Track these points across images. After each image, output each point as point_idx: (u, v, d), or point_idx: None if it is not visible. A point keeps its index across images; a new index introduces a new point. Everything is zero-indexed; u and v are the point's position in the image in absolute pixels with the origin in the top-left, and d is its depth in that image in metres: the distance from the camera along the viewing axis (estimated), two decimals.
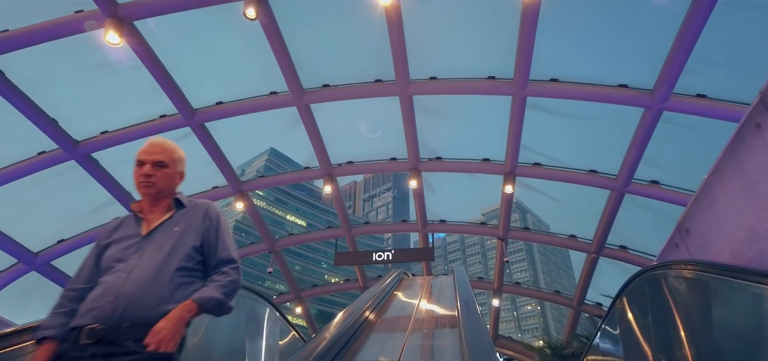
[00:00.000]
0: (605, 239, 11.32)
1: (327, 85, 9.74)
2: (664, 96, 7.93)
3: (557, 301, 13.69)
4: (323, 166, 11.63)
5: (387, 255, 12.57)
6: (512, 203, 11.83)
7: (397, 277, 9.29)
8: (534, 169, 10.89)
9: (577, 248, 12.02)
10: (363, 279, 15.03)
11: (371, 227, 14.33)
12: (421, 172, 11.70)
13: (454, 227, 14.00)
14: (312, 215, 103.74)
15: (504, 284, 14.17)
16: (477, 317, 4.41)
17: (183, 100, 9.23)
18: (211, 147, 10.35)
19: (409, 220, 14.20)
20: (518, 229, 12.91)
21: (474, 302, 5.04)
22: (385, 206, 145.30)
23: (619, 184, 9.99)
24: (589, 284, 12.58)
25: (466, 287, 6.06)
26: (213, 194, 11.61)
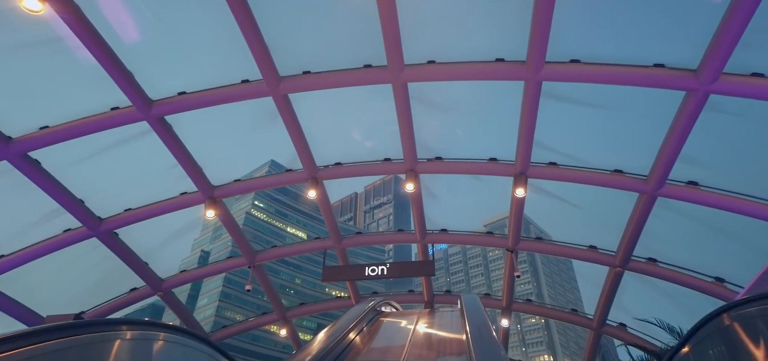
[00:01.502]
0: (632, 250, 9.80)
1: (308, 71, 8.35)
2: (712, 75, 6.52)
3: (574, 321, 12.12)
4: (307, 168, 10.19)
5: (381, 269, 11.04)
6: (523, 209, 10.34)
7: (365, 316, 7.61)
8: (549, 170, 9.43)
9: (599, 260, 10.49)
10: (356, 296, 13.47)
11: (364, 237, 12.84)
12: (418, 174, 10.26)
13: (457, 237, 12.49)
14: (313, 226, 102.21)
15: (514, 302, 12.61)
16: None
17: (137, 90, 7.85)
18: (174, 145, 8.93)
19: (409, 230, 12.71)
20: (529, 239, 11.45)
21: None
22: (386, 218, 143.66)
23: (650, 186, 8.52)
24: (612, 302, 11.02)
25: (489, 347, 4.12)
26: (181, 200, 10.15)
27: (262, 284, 12.46)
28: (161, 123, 8.45)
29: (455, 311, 9.88)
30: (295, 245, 12.36)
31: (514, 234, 11.05)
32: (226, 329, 13.61)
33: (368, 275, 11.10)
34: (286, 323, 13.14)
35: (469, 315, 5.30)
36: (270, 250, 12.17)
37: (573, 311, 12.16)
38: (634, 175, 8.82)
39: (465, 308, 5.79)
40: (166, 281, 11.50)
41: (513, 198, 10.11)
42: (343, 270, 11.84)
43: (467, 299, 6.47)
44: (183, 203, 10.16)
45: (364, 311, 7.31)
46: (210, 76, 8.42)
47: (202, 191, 10.01)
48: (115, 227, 9.94)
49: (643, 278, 10.67)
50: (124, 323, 2.96)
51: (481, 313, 5.24)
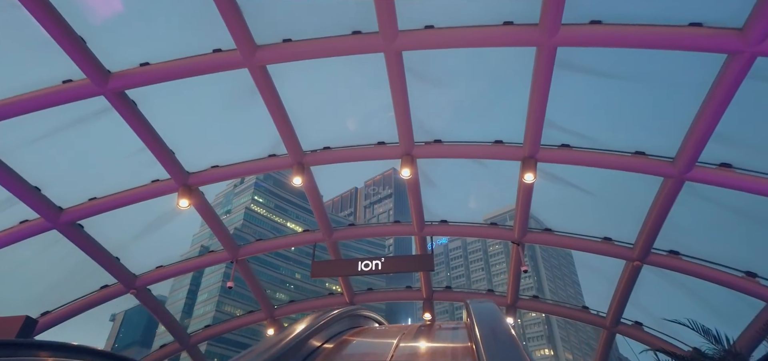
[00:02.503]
0: (652, 241, 8.82)
1: (288, 39, 7.32)
2: (763, 33, 5.50)
3: (586, 319, 11.17)
4: (292, 152, 9.19)
5: (376, 264, 10.06)
6: (531, 198, 9.34)
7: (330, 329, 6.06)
8: (561, 153, 8.42)
9: (615, 254, 9.51)
10: (349, 293, 12.51)
11: (357, 229, 11.87)
12: (415, 158, 9.25)
13: (458, 228, 11.49)
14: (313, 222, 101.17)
15: (519, 299, 11.64)
16: None
17: (90, 60, 6.82)
18: (139, 126, 7.91)
19: (406, 222, 11.72)
20: (537, 231, 10.47)
21: None
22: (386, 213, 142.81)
23: (677, 168, 7.51)
24: (628, 299, 10.06)
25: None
26: (153, 189, 9.15)
27: (248, 281, 11.49)
28: (122, 99, 7.43)
29: (459, 329, 8.71)
30: (281, 239, 11.50)
31: (521, 225, 10.06)
32: (206, 330, 12.67)
33: (361, 270, 10.12)
34: (274, 323, 12.18)
35: (485, 342, 3.56)
36: (253, 244, 11.19)
37: (584, 308, 11.20)
38: (659, 157, 7.81)
39: (477, 324, 4.23)
40: (140, 278, 10.53)
41: (520, 185, 9.12)
42: (334, 265, 10.87)
43: (479, 309, 4.82)
44: (155, 192, 9.16)
45: (311, 331, 5.71)
46: (177, 45, 7.39)
47: (175, 178, 9.01)
48: (78, 218, 8.95)
49: (661, 273, 9.71)
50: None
51: (506, 337, 3.46)
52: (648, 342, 10.02)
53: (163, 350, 11.87)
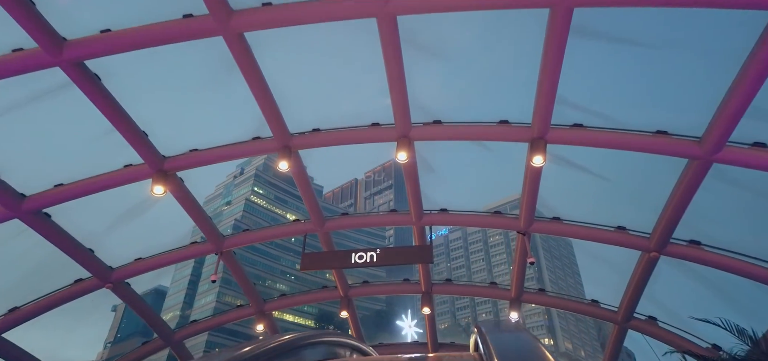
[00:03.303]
0: (672, 230, 8.05)
1: (268, 2, 6.48)
2: None
3: (596, 314, 10.44)
4: (278, 135, 8.38)
5: (370, 256, 9.31)
6: (539, 183, 8.56)
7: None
8: (573, 133, 7.61)
9: (629, 244, 8.75)
10: (343, 287, 11.79)
11: (351, 219, 11.10)
12: (412, 141, 8.44)
13: (459, 217, 10.73)
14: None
15: (524, 292, 10.91)
16: None
17: (41, 25, 5.99)
18: (105, 104, 7.11)
19: (404, 211, 10.96)
20: (544, 220, 9.70)
21: None
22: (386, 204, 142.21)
23: (705, 148, 6.71)
24: (642, 293, 9.32)
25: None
26: (125, 174, 8.37)
27: (234, 273, 10.76)
28: (81, 72, 6.61)
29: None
30: (269, 229, 10.84)
31: (527, 214, 9.28)
32: (192, 326, 11.99)
33: (355, 262, 9.38)
34: (263, 318, 11.48)
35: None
36: (239, 235, 10.45)
37: (593, 302, 10.48)
38: (684, 136, 7.00)
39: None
40: (117, 271, 9.80)
41: (527, 169, 8.32)
42: (325, 257, 10.14)
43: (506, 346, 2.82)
44: (128, 177, 8.38)
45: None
46: (142, 9, 6.55)
47: (149, 163, 8.21)
48: (44, 206, 8.18)
49: (678, 264, 8.95)
50: None
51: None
52: (663, 338, 9.32)
53: (145, 347, 11.20)
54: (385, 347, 13.71)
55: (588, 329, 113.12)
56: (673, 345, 8.92)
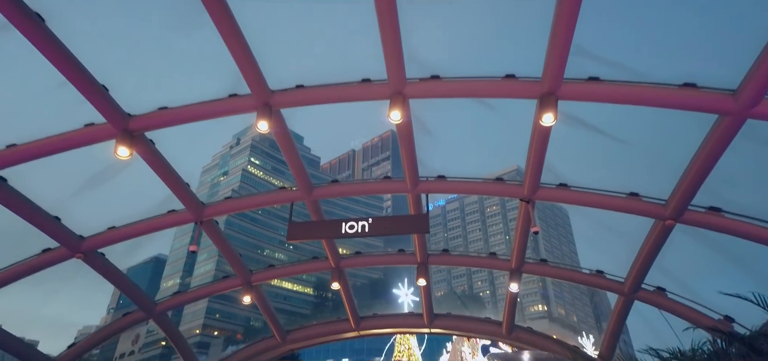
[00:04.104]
0: (693, 195, 7.34)
1: None
2: None
3: (601, 285, 9.91)
4: (257, 92, 7.47)
5: (362, 226, 8.62)
6: (547, 145, 7.76)
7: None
8: (589, 88, 6.76)
9: (644, 211, 8.06)
10: (335, 258, 11.16)
11: (341, 186, 10.34)
12: (407, 98, 7.56)
13: (458, 185, 9.99)
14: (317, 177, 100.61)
15: (526, 263, 10.33)
16: None
17: None
18: (52, 51, 6.16)
19: (398, 178, 10.20)
20: (550, 186, 8.98)
21: None
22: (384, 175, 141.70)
23: (740, 103, 5.89)
24: (653, 263, 8.73)
25: None
26: (87, 134, 7.49)
27: (217, 243, 10.09)
28: (17, 9, 5.62)
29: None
30: (254, 197, 10.15)
31: (533, 179, 8.54)
32: (174, 297, 11.44)
33: (346, 232, 8.69)
34: (250, 289, 10.91)
35: None
36: (221, 203, 9.68)
37: (598, 272, 9.92)
38: (716, 89, 6.16)
39: None
40: (89, 240, 9.09)
41: (535, 130, 7.51)
42: (313, 227, 9.45)
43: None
44: (89, 138, 7.51)
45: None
46: None
47: (111, 122, 7.33)
48: None
49: (692, 232, 8.30)
50: None
51: None
52: (672, 310, 8.82)
53: (126, 318, 10.67)
54: (380, 318, 13.29)
55: (581, 295, 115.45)
56: (683, 317, 8.42)
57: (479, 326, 13.56)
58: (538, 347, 11.89)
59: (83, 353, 10.49)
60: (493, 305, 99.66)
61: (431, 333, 13.59)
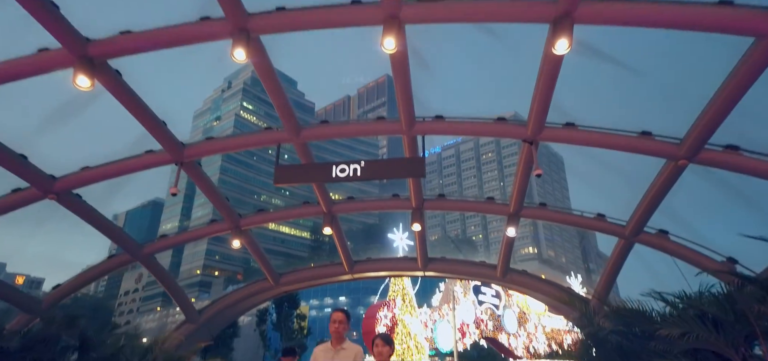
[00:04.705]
0: (712, 133, 6.77)
1: None
2: None
3: (602, 228, 9.62)
4: (231, 15, 6.55)
5: (354, 169, 8.04)
6: (557, 78, 7.04)
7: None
8: (609, 7, 5.92)
9: (656, 152, 7.52)
10: (326, 202, 10.70)
11: (332, 127, 9.66)
12: (402, 23, 6.68)
13: (457, 125, 9.35)
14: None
15: (524, 207, 9.95)
16: None
17: None
18: None
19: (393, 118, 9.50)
20: (556, 126, 8.33)
21: None
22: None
23: None
24: (659, 204, 8.35)
25: None
26: (40, 60, 6.64)
27: (201, 186, 9.56)
28: None
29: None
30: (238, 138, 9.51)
31: (538, 118, 7.88)
32: (161, 240, 11.11)
33: (337, 176, 8.12)
34: (239, 234, 10.55)
35: None
36: (202, 143, 9.00)
37: (600, 216, 9.59)
38: (755, 7, 5.37)
39: None
40: (62, 181, 8.51)
41: (545, 60, 6.75)
42: (302, 170, 8.87)
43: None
44: (44, 65, 6.67)
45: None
46: None
47: (67, 47, 6.45)
48: None
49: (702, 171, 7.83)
50: None
51: None
52: (673, 252, 8.60)
53: (112, 260, 10.38)
54: (374, 262, 13.18)
55: (571, 238, 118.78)
56: (685, 259, 8.21)
57: (474, 269, 13.53)
58: (532, 289, 11.89)
59: (68, 294, 10.30)
60: (485, 248, 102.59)
61: (425, 276, 13.59)
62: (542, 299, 12.88)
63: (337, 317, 4.23)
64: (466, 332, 21.97)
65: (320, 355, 4.16)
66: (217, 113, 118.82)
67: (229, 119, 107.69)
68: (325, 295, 72.24)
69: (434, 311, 22.67)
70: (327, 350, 4.16)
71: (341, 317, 4.22)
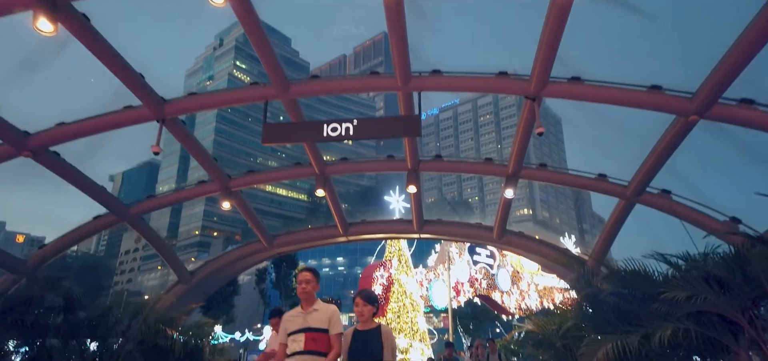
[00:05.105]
0: (728, 85, 6.34)
1: None
2: None
3: (603, 189, 9.34)
4: None
5: (346, 128, 7.59)
6: (564, 27, 6.49)
7: None
8: None
9: (665, 107, 7.10)
10: (319, 163, 10.30)
11: (323, 83, 9.03)
12: None
13: (455, 80, 8.80)
14: None
15: (524, 167, 9.61)
16: None
17: None
18: None
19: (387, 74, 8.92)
20: (561, 81, 7.84)
21: None
22: None
23: None
24: (663, 164, 8.03)
25: None
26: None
27: (185, 144, 9.11)
28: None
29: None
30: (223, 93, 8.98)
31: (542, 72, 7.38)
32: (148, 201, 10.77)
33: (328, 135, 7.69)
34: (229, 195, 10.21)
35: None
36: (185, 99, 8.43)
37: (601, 176, 9.29)
38: None
39: None
40: (35, 137, 8.03)
41: (552, 6, 6.17)
42: (291, 129, 8.42)
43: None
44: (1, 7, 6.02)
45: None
46: None
47: None
48: None
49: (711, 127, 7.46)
50: None
51: None
52: (675, 212, 8.38)
53: (98, 221, 10.09)
54: (368, 224, 12.98)
55: (565, 199, 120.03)
56: (687, 219, 8.00)
57: (470, 230, 13.39)
58: (529, 250, 11.80)
59: (53, 255, 10.08)
60: (481, 210, 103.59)
61: (421, 238, 13.46)
62: (539, 261, 12.86)
63: (303, 277, 3.72)
64: (460, 291, 22.33)
65: (289, 321, 3.64)
66: (210, 72, 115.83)
67: (222, 79, 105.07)
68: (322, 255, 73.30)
69: (430, 271, 22.92)
70: (296, 316, 3.65)
71: (308, 277, 3.71)
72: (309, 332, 3.49)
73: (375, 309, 3.59)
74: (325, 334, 3.51)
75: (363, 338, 3.46)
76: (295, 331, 3.54)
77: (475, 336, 33.91)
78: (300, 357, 3.44)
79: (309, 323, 3.53)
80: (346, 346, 3.46)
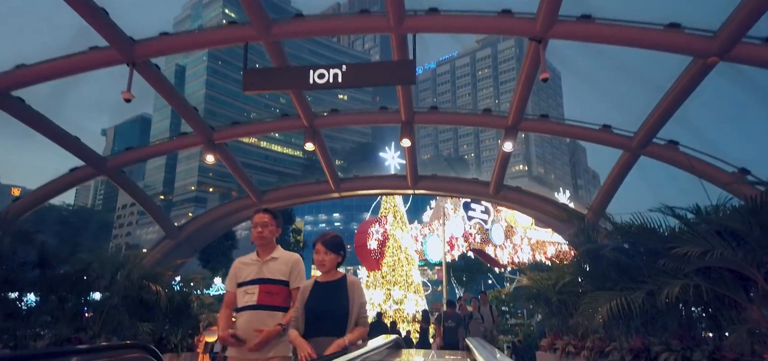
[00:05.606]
0: (754, 23, 5.71)
1: None
2: None
3: (607, 140, 8.85)
4: None
5: (334, 74, 6.93)
6: None
7: None
8: None
9: (683, 47, 6.47)
10: (307, 115, 9.66)
11: (308, 22, 8.14)
12: None
13: (454, 20, 8.02)
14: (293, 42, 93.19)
15: (524, 119, 9.05)
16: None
17: None
18: None
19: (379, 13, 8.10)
20: (570, 19, 7.09)
21: None
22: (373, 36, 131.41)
23: None
24: (675, 112, 7.51)
25: None
26: None
27: (161, 92, 8.40)
28: None
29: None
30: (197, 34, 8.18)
31: (550, 10, 6.65)
32: (127, 153, 10.20)
33: (315, 82, 7.02)
34: (213, 148, 9.64)
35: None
36: (156, 40, 7.60)
37: (605, 127, 8.78)
38: None
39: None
40: None
41: None
42: (274, 75, 7.72)
43: None
44: None
45: None
46: None
47: None
48: None
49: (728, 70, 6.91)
50: None
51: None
52: (682, 164, 7.99)
53: (75, 173, 9.57)
54: (361, 180, 12.55)
55: (561, 155, 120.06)
56: (694, 172, 7.61)
57: (466, 186, 13.03)
58: (526, 205, 11.50)
59: (29, 208, 9.64)
60: (476, 166, 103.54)
61: (415, 194, 13.11)
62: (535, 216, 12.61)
63: (258, 220, 3.04)
64: (454, 245, 22.44)
65: (242, 269, 3.02)
66: (199, 21, 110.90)
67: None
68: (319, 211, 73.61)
69: (424, 227, 22.90)
70: (250, 263, 3.02)
71: (265, 219, 3.04)
72: (264, 283, 2.91)
73: (340, 259, 2.92)
74: (285, 287, 2.94)
75: (324, 289, 2.82)
76: (247, 281, 2.95)
77: (468, 288, 34.74)
78: (252, 313, 2.87)
79: (265, 274, 2.94)
80: (303, 299, 2.80)
